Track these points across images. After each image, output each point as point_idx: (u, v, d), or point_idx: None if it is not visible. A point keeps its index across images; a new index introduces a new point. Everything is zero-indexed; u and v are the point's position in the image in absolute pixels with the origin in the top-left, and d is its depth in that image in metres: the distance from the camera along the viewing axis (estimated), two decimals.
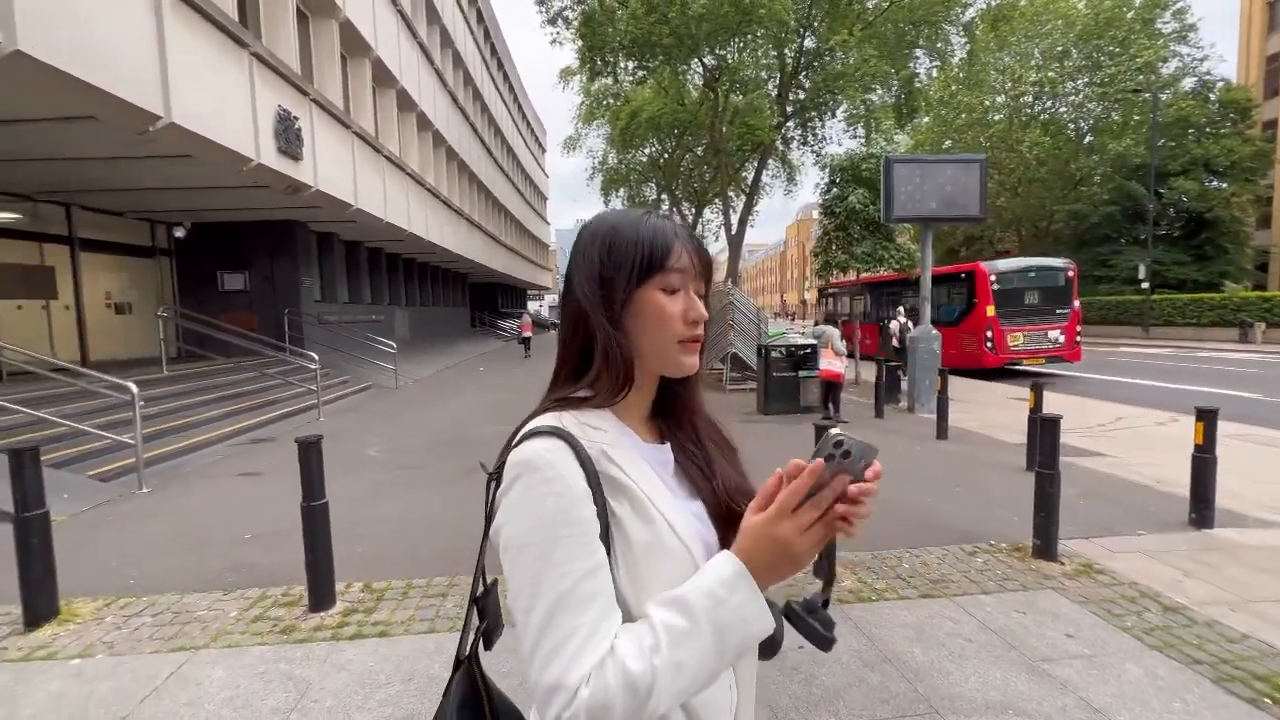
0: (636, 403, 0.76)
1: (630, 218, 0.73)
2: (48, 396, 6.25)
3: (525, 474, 0.63)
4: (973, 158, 8.78)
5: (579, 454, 0.65)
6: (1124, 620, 2.92)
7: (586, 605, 0.59)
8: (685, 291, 0.72)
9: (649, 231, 0.71)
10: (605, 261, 0.71)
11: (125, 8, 5.37)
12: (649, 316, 0.71)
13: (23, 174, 7.60)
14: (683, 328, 0.71)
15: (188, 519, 4.65)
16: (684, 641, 0.58)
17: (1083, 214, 27.31)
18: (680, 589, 0.62)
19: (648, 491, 0.68)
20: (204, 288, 11.89)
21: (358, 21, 11.66)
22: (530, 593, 0.60)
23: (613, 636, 0.60)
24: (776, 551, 0.60)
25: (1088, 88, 27.47)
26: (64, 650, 2.81)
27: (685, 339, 0.71)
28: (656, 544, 0.66)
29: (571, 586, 0.59)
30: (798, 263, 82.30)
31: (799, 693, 2.42)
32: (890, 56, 15.41)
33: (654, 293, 0.71)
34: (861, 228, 11.60)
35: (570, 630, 0.58)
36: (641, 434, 0.76)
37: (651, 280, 0.71)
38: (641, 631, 0.60)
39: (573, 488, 0.63)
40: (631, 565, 0.65)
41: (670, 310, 0.71)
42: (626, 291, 0.71)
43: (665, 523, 0.67)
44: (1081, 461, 5.83)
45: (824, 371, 8.39)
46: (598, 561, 0.62)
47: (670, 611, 0.60)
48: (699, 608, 0.60)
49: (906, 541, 3.94)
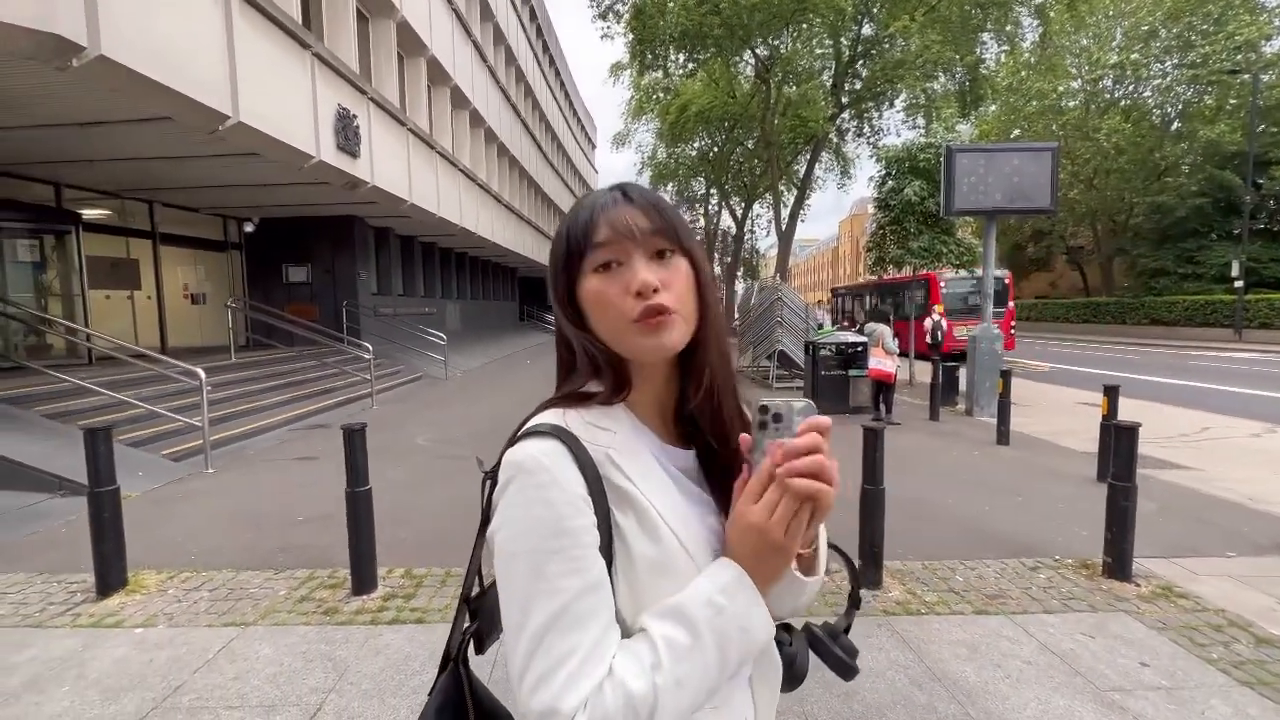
0: (652, 399, 0.68)
1: (571, 211, 0.68)
2: (128, 380, 6.70)
3: (518, 476, 0.58)
4: (1043, 146, 8.23)
5: (579, 457, 0.59)
6: (1209, 651, 2.64)
7: (582, 625, 0.54)
8: (624, 263, 0.63)
9: (573, 218, 0.66)
10: (550, 266, 0.68)
11: (197, 12, 5.66)
12: (592, 306, 0.64)
13: (109, 173, 8.16)
14: (631, 303, 0.61)
15: (246, 499, 4.89)
16: (686, 657, 0.54)
17: (1167, 206, 25.25)
18: (678, 598, 0.57)
19: (658, 504, 0.61)
20: (270, 280, 12.54)
21: (414, 22, 11.98)
22: (520, 609, 0.55)
23: (611, 657, 0.54)
24: (755, 541, 0.57)
25: (1176, 69, 25.34)
26: (129, 619, 2.98)
27: (638, 316, 0.61)
28: (664, 563, 0.59)
29: (564, 605, 0.54)
30: (850, 258, 79.95)
31: (837, 708, 2.30)
32: (954, 42, 14.66)
33: (589, 279, 0.64)
34: (918, 221, 11.10)
35: (564, 653, 0.53)
36: (663, 435, 0.68)
37: (581, 268, 0.64)
38: (640, 648, 0.55)
39: (568, 494, 0.57)
40: (633, 582, 0.58)
41: (609, 291, 0.62)
42: (569, 289, 0.66)
43: (676, 541, 0.60)
44: (1161, 474, 5.38)
45: (873, 371, 8.01)
46: (595, 578, 0.56)
47: (670, 624, 0.55)
48: (700, 619, 0.55)
49: (960, 552, 3.72)
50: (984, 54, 16.33)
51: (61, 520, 4.29)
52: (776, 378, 11.46)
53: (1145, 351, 18.06)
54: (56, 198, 8.49)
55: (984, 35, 15.73)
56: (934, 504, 4.63)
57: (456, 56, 14.78)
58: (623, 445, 0.63)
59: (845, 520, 3.62)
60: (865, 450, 3.28)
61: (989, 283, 8.73)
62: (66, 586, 3.31)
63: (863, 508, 3.27)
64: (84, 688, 2.44)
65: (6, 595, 3.23)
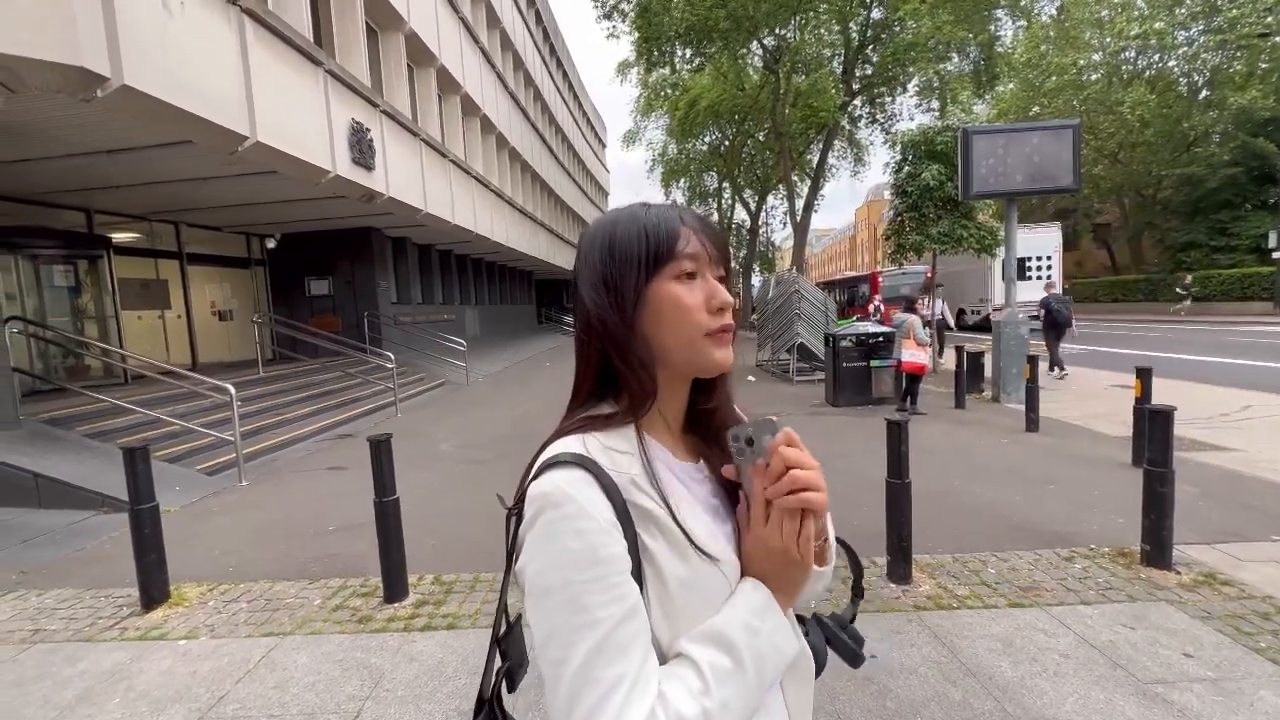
0: (667, 414, 0.69)
1: (629, 212, 0.67)
2: (162, 398, 6.91)
3: (547, 509, 0.58)
4: (1064, 124, 8.01)
5: (604, 485, 0.59)
6: (1256, 640, 2.56)
7: (625, 653, 0.54)
8: (703, 278, 0.65)
9: (652, 221, 0.65)
10: (609, 262, 0.65)
11: (214, 37, 5.80)
12: (667, 310, 0.64)
13: (137, 197, 8.41)
14: (707, 317, 0.64)
15: (279, 510, 5.01)
16: (729, 679, 0.56)
17: (1198, 178, 24.42)
18: (715, 623, 0.59)
19: (684, 522, 0.61)
20: (293, 294, 12.81)
21: (422, 33, 12.12)
22: (562, 642, 0.55)
23: (656, 681, 0.55)
24: (772, 558, 0.61)
25: (1203, 36, 24.45)
26: (173, 631, 3.08)
27: (713, 330, 0.64)
28: (694, 581, 0.60)
29: (608, 634, 0.54)
30: (868, 246, 78.76)
31: (871, 705, 2.28)
32: (966, 20, 14.34)
33: (667, 284, 0.64)
34: (937, 206, 10.86)
35: (613, 681, 0.53)
36: (675, 451, 0.69)
37: (662, 271, 0.64)
38: (686, 674, 0.56)
39: (599, 523, 0.57)
40: (666, 603, 0.59)
41: (689, 299, 0.64)
42: (637, 288, 0.64)
43: (704, 556, 0.61)
44: (1201, 456, 5.21)
45: (907, 364, 7.65)
46: (633, 604, 0.56)
47: (712, 649, 0.58)
48: (739, 642, 0.57)
49: (992, 544, 3.65)
50: (999, 31, 15.96)
51: (105, 536, 4.45)
52: (797, 371, 11.36)
53: (1178, 329, 17.50)
54: (88, 223, 8.78)
55: (998, 11, 15.36)
56: (963, 495, 4.56)
57: (465, 64, 14.91)
58: (643, 467, 0.63)
59: (872, 514, 3.59)
60: (889, 444, 3.23)
61: (1012, 267, 8.53)
62: (113, 601, 3.43)
63: (889, 502, 3.23)
64: (133, 699, 2.53)
65: (58, 611, 3.36)
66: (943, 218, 10.85)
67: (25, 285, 7.85)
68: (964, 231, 10.79)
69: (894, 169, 11.91)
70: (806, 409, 8.47)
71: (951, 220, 10.80)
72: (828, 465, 0.69)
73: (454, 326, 16.18)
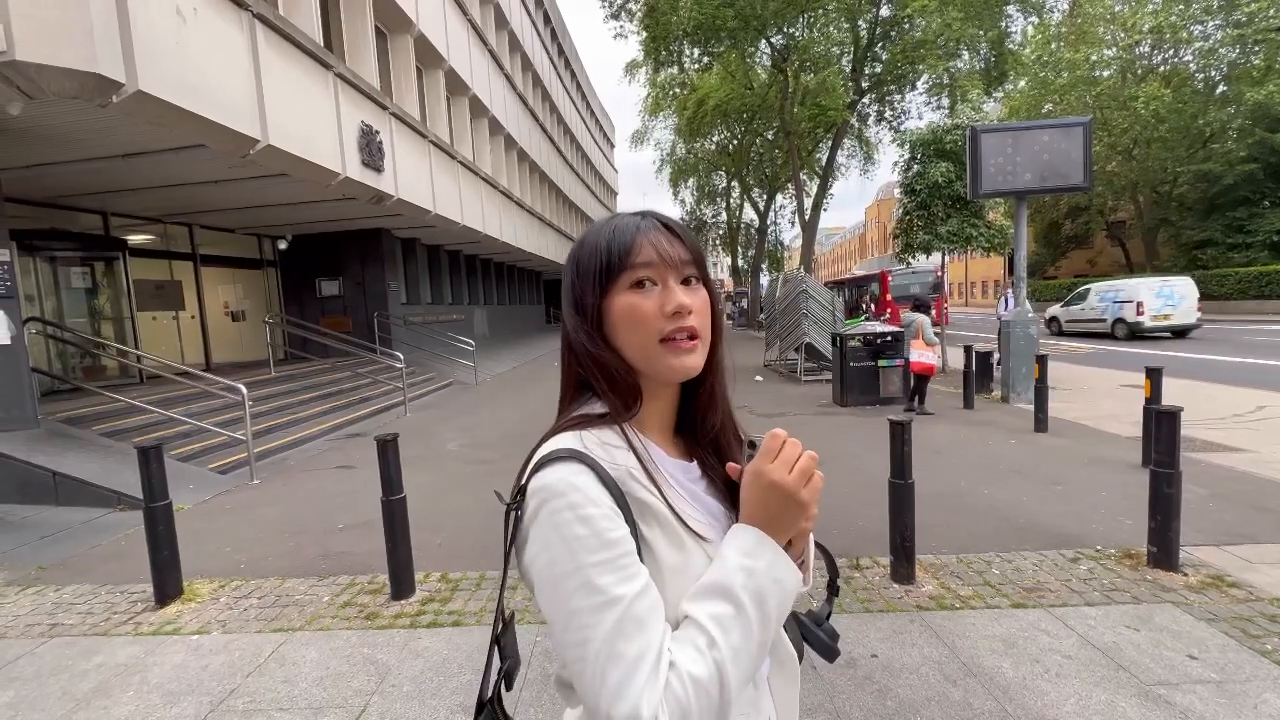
0: (656, 416, 0.71)
1: (595, 229, 0.69)
2: (176, 397, 7.03)
3: (550, 500, 0.59)
4: (1075, 121, 7.93)
5: (602, 477, 0.61)
6: (1263, 643, 2.54)
7: (644, 627, 0.56)
8: (662, 284, 0.66)
9: (608, 234, 0.67)
10: (575, 282, 0.68)
11: (226, 42, 5.88)
12: (623, 321, 0.66)
13: (152, 200, 8.55)
14: (662, 322, 0.65)
15: (289, 508, 5.08)
16: (734, 625, 0.57)
17: (1214, 174, 24.06)
18: (709, 575, 0.60)
19: (680, 512, 0.64)
20: (304, 294, 12.95)
21: (431, 35, 12.20)
22: (581, 626, 0.56)
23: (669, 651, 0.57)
24: (777, 497, 0.61)
25: (1219, 30, 24.08)
26: (186, 626, 3.15)
27: (667, 335, 0.65)
28: (688, 568, 0.62)
29: (625, 612, 0.56)
30: (878, 245, 78.22)
31: (870, 705, 2.29)
32: (977, 18, 14.20)
33: (622, 295, 0.66)
34: (946, 205, 10.79)
35: (636, 656, 0.54)
36: (667, 450, 0.72)
37: (617, 282, 0.66)
38: (691, 633, 0.57)
39: (602, 509, 0.59)
40: (661, 588, 0.61)
41: (643, 307, 0.65)
42: (595, 303, 0.67)
43: (699, 547, 0.63)
44: (1212, 457, 5.16)
45: (916, 365, 7.66)
46: (645, 580, 0.58)
47: (711, 601, 0.58)
48: (736, 585, 0.58)
49: (996, 544, 3.64)
50: (1009, 28, 15.78)
51: (121, 533, 4.54)
52: (805, 370, 11.34)
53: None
54: (104, 226, 8.94)
55: (1009, 8, 15.19)
56: (969, 495, 4.54)
57: (474, 66, 14.99)
58: (638, 462, 0.65)
59: (876, 514, 3.59)
60: (893, 444, 3.23)
61: (1021, 266, 8.47)
62: (128, 596, 3.51)
63: (892, 502, 3.23)
64: (147, 692, 2.59)
65: (75, 605, 3.44)
66: (951, 216, 10.78)
67: (44, 287, 8.01)
68: (973, 230, 10.72)
69: (903, 167, 11.84)
70: (814, 408, 8.45)
71: (960, 219, 10.73)
72: (834, 464, 0.72)
73: (463, 326, 16.28)
